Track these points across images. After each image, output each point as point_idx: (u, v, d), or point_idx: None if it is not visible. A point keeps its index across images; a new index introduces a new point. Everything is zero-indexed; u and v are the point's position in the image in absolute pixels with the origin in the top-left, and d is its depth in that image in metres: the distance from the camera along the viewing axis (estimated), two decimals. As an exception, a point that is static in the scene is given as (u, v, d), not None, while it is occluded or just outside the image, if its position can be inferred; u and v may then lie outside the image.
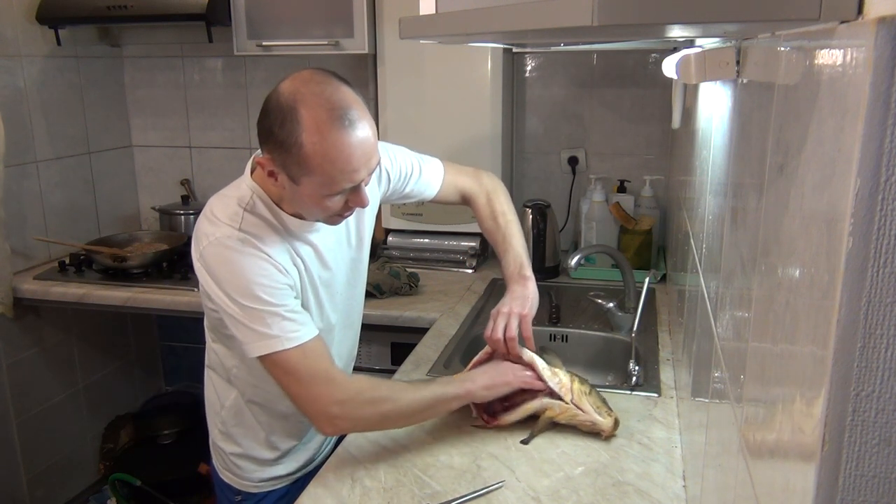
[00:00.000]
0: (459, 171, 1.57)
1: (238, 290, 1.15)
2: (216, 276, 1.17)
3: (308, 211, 1.20)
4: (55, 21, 2.41)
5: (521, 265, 1.46)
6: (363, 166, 1.12)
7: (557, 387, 1.31)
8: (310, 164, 1.09)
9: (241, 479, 1.42)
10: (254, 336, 1.15)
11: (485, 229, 1.56)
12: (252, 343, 1.16)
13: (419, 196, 1.53)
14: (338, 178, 1.11)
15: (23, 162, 2.39)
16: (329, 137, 1.07)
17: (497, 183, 1.59)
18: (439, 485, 1.18)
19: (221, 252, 1.16)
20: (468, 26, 0.83)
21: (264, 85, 2.73)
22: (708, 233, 1.09)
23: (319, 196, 1.13)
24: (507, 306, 1.39)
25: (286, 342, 1.15)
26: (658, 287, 2.12)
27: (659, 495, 1.14)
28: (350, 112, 1.08)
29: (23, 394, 2.37)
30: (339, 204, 1.16)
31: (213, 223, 1.19)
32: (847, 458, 0.41)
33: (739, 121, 0.85)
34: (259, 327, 1.15)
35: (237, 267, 1.16)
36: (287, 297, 1.18)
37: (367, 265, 1.48)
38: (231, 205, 1.21)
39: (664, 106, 2.36)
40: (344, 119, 1.08)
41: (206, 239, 1.18)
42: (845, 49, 0.42)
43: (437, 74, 2.30)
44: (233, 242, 1.16)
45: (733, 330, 0.78)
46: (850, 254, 0.39)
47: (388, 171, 1.43)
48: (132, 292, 2.21)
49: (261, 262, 1.17)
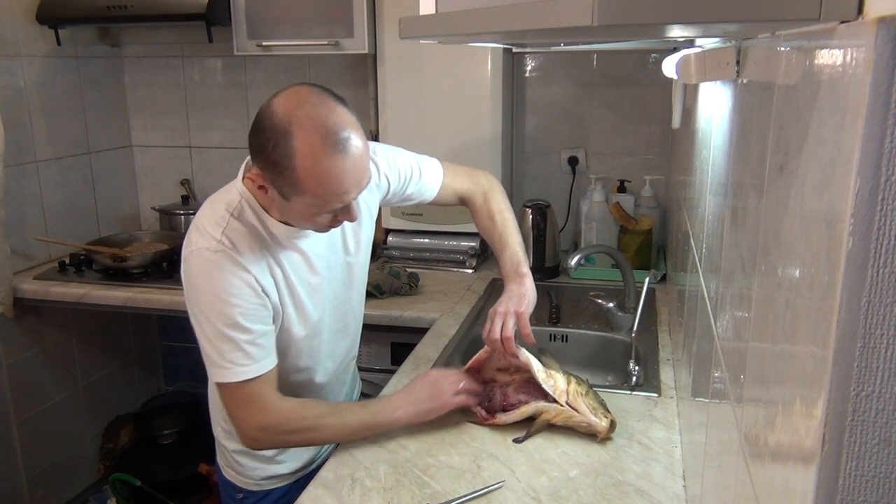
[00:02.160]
0: (457, 172, 1.57)
1: (209, 306, 1.19)
2: (193, 285, 1.20)
3: (297, 223, 1.23)
4: (55, 21, 2.41)
5: (517, 262, 1.46)
6: (354, 187, 1.14)
7: (552, 389, 1.31)
8: (301, 187, 1.10)
9: (243, 477, 1.42)
10: (208, 361, 1.22)
11: (481, 228, 1.56)
12: (208, 363, 1.22)
13: (419, 198, 1.53)
14: (329, 199, 1.13)
15: (23, 162, 2.39)
16: (322, 163, 1.08)
17: (493, 182, 1.59)
18: (439, 485, 1.18)
19: (201, 264, 1.19)
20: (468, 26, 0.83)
21: (264, 85, 2.73)
22: (708, 233, 1.09)
23: (309, 214, 1.16)
24: (504, 305, 1.39)
25: (232, 375, 1.20)
26: (658, 287, 2.12)
27: (659, 495, 1.14)
28: (343, 134, 1.09)
29: (23, 394, 2.37)
30: (329, 219, 1.19)
31: (199, 232, 1.22)
32: (847, 458, 0.41)
33: (739, 121, 0.85)
34: (213, 353, 1.20)
35: (213, 282, 1.18)
36: (255, 322, 1.21)
37: (367, 270, 1.48)
38: (219, 209, 1.23)
39: (664, 106, 2.36)
40: (338, 144, 1.08)
41: (189, 247, 1.21)
42: (845, 49, 0.42)
43: (437, 74, 2.29)
44: (212, 255, 1.18)
45: (733, 330, 0.78)
46: (850, 254, 0.39)
47: (387, 175, 1.43)
48: (132, 292, 2.21)
49: (236, 281, 1.19)
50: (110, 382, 2.77)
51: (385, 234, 2.48)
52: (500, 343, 1.36)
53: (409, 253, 2.44)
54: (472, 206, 1.57)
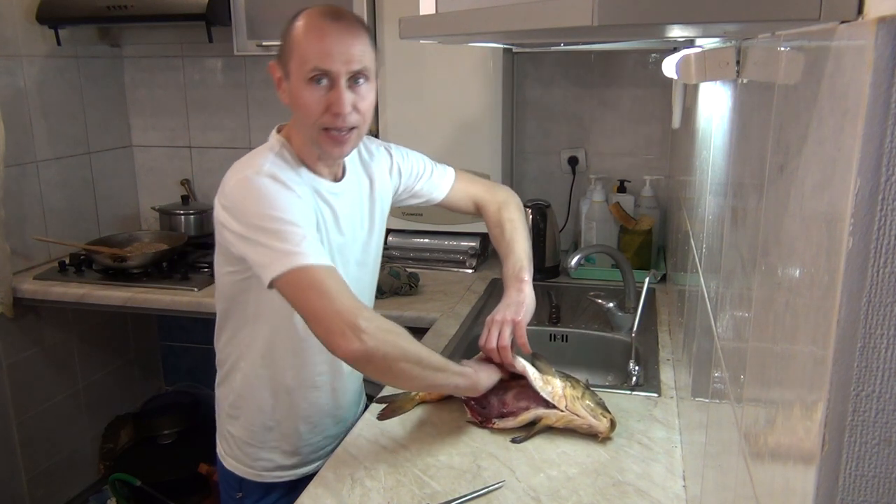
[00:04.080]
0: (474, 181, 1.62)
1: (261, 214, 1.15)
2: (238, 206, 1.18)
3: (302, 122, 1.23)
4: (55, 21, 2.41)
5: (520, 268, 1.47)
6: (337, 52, 1.18)
7: (550, 396, 1.32)
8: (292, 43, 1.19)
9: (244, 466, 1.42)
10: (277, 255, 1.11)
11: (493, 236, 1.59)
12: (274, 262, 1.11)
13: (428, 196, 1.57)
14: (310, 53, 1.17)
15: (23, 162, 2.39)
16: (311, 20, 1.19)
17: (511, 195, 1.62)
18: (439, 485, 1.18)
19: (249, 185, 1.19)
20: (468, 26, 0.83)
21: (264, 85, 2.73)
22: (708, 233, 1.09)
23: (301, 82, 1.18)
24: (501, 314, 1.40)
25: (311, 258, 1.11)
26: (658, 287, 2.12)
27: (659, 495, 1.14)
28: (341, 12, 1.21)
29: (23, 394, 2.37)
30: (319, 99, 1.19)
31: (238, 170, 1.23)
32: (847, 458, 0.41)
33: (739, 121, 0.85)
34: (282, 244, 1.12)
35: (263, 193, 1.17)
36: (310, 225, 1.19)
37: (378, 264, 1.50)
38: (260, 153, 1.27)
39: (664, 106, 2.36)
40: (333, 13, 1.19)
41: (232, 180, 1.21)
42: (845, 49, 0.42)
43: (437, 74, 2.29)
44: (261, 178, 1.19)
45: (733, 330, 0.78)
46: (850, 254, 0.39)
47: (399, 165, 1.48)
48: (132, 292, 2.21)
49: (288, 193, 1.19)
50: (110, 382, 2.77)
51: (385, 234, 2.48)
52: (496, 352, 1.37)
53: (409, 253, 2.44)
54: (486, 215, 1.60)
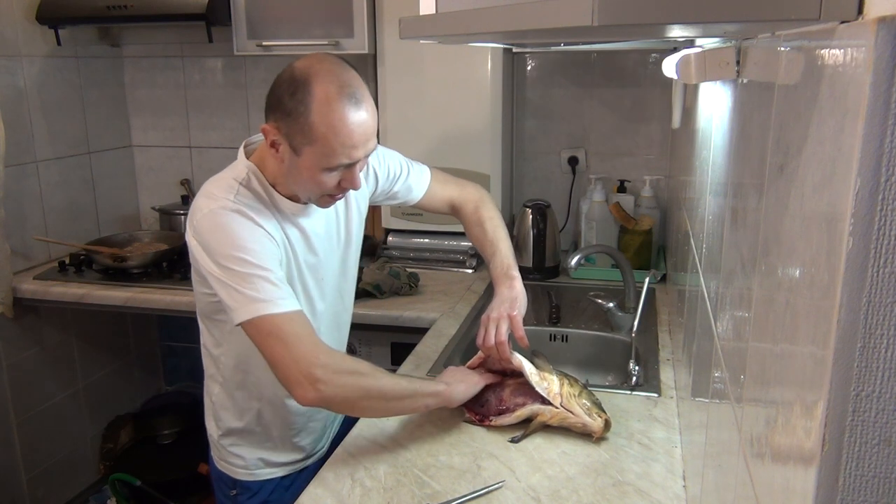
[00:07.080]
0: (447, 181, 1.62)
1: (228, 255, 1.17)
2: (208, 243, 1.19)
3: (303, 186, 1.23)
4: (55, 21, 2.41)
5: (507, 266, 1.48)
6: (362, 145, 1.17)
7: (546, 392, 1.32)
8: (314, 133, 1.14)
9: (235, 468, 1.42)
10: (242, 300, 1.15)
11: (472, 236, 1.59)
12: (240, 307, 1.15)
13: (405, 197, 1.57)
14: (338, 150, 1.15)
15: (23, 162, 2.39)
16: (336, 110, 1.13)
17: (483, 193, 1.64)
18: (439, 485, 1.18)
19: (215, 220, 1.19)
20: (468, 26, 0.83)
21: (264, 85, 2.70)
22: (708, 233, 1.09)
23: (317, 168, 1.18)
24: (496, 311, 1.41)
25: (273, 307, 1.15)
26: (658, 287, 2.12)
27: (659, 495, 1.14)
28: (358, 91, 1.15)
29: (23, 394, 2.37)
30: (334, 181, 1.20)
31: (208, 198, 1.23)
32: (847, 458, 0.41)
33: (739, 121, 0.85)
34: (248, 290, 1.15)
35: (229, 232, 1.18)
36: (275, 266, 1.20)
37: (357, 268, 1.51)
38: (227, 180, 1.25)
39: (664, 106, 2.36)
40: (352, 97, 1.14)
41: (200, 212, 1.21)
42: (845, 49, 0.42)
43: (437, 74, 2.29)
44: (226, 213, 1.19)
45: (733, 330, 0.78)
46: (850, 254, 0.39)
47: (375, 170, 1.48)
48: (132, 292, 2.21)
49: (253, 229, 1.20)
50: (110, 382, 2.77)
51: (385, 234, 2.48)
52: (494, 349, 1.37)
53: (409, 253, 2.44)
54: (462, 215, 1.61)
